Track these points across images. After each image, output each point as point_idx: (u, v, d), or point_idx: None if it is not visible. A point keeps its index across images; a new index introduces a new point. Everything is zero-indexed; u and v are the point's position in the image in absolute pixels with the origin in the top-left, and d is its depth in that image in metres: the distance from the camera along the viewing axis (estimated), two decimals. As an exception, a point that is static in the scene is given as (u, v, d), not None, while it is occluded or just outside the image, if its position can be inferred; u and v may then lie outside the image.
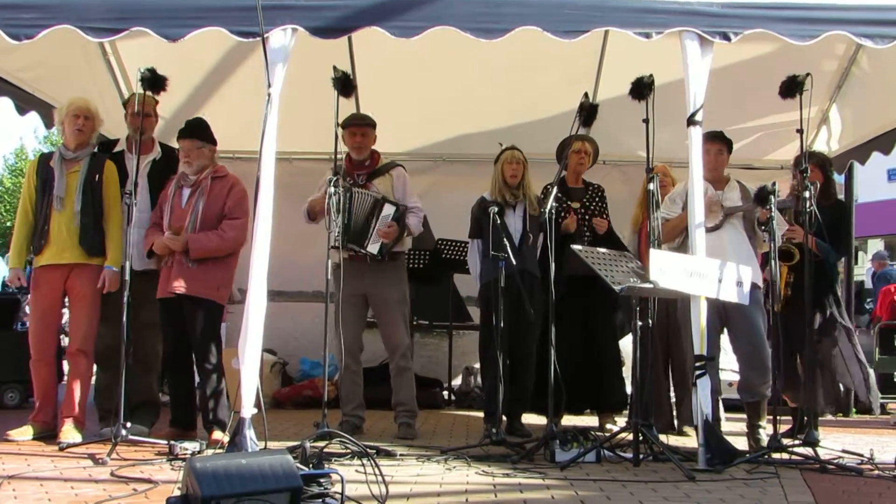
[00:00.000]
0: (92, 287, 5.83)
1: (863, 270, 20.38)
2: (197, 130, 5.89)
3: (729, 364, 6.48)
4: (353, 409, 6.32)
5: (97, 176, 5.89)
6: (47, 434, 5.78)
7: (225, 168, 6.03)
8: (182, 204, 5.81)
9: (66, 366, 6.05)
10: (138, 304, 5.55)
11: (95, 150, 6.10)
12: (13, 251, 5.99)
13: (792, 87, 5.59)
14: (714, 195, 5.87)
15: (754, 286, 5.60)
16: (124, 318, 5.35)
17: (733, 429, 6.49)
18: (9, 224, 26.14)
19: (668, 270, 5.04)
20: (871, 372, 6.73)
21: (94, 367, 6.19)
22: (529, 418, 6.76)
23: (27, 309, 7.33)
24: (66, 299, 5.97)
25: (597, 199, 6.92)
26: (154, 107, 6.36)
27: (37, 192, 5.90)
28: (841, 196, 9.28)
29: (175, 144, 6.22)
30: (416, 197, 6.58)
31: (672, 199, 6.09)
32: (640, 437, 5.11)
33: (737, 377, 6.50)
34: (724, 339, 6.08)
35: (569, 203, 6.75)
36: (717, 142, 6.01)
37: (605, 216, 6.87)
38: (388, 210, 6.26)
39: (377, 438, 5.96)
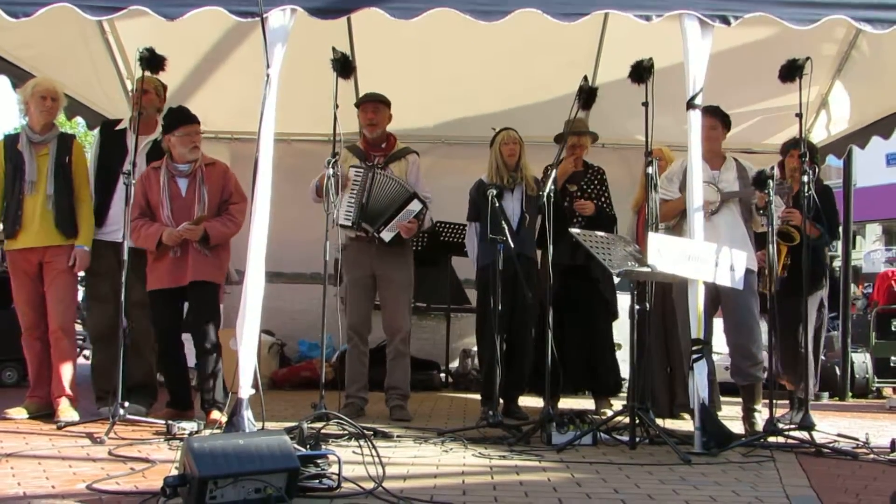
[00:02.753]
0: (66, 265, 5.82)
1: (860, 255, 20.43)
2: (192, 115, 5.87)
3: (725, 347, 6.50)
4: (357, 391, 6.32)
5: (66, 157, 5.87)
6: (45, 411, 5.80)
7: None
8: (182, 194, 5.79)
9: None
10: (130, 282, 5.52)
11: (61, 130, 6.07)
12: None
13: (791, 71, 5.58)
14: (708, 178, 5.85)
15: (748, 271, 5.60)
16: (122, 298, 5.36)
17: (729, 412, 6.51)
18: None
19: (665, 254, 5.03)
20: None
21: (91, 347, 6.20)
22: (526, 401, 6.79)
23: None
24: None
25: (595, 182, 6.89)
26: (157, 87, 6.33)
27: (6, 176, 5.85)
28: (839, 181, 9.34)
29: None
30: (428, 188, 6.53)
31: (668, 178, 6.08)
32: (637, 421, 5.12)
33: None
34: (718, 323, 6.10)
35: (566, 186, 6.75)
36: (710, 116, 5.94)
37: (603, 198, 6.85)
38: (416, 206, 6.24)
39: (374, 420, 5.97)
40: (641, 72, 5.44)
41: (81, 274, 6.12)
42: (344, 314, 6.43)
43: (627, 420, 5.16)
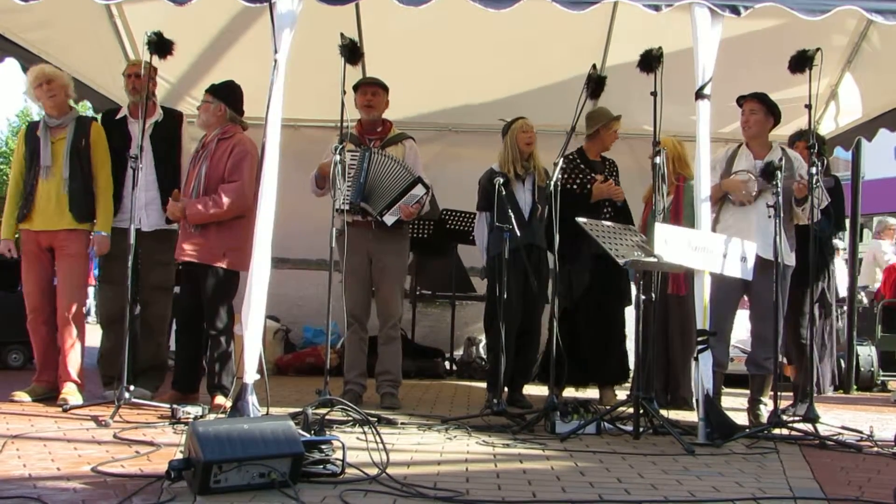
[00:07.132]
0: (79, 250, 5.85)
1: (867, 248, 20.30)
2: (214, 88, 5.91)
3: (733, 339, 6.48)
4: (356, 377, 6.29)
5: (84, 140, 5.88)
6: (50, 395, 5.81)
7: (235, 129, 5.90)
8: (194, 170, 5.83)
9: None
10: (147, 265, 5.56)
11: (80, 113, 6.10)
12: (4, 222, 5.97)
13: (801, 62, 5.55)
14: (749, 167, 5.82)
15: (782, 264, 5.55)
16: (129, 282, 5.37)
17: (733, 403, 6.51)
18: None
19: (672, 244, 5.02)
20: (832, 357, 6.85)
21: (100, 331, 6.23)
22: (531, 390, 6.79)
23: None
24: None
25: (614, 173, 6.96)
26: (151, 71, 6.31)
27: (25, 161, 5.89)
28: (847, 173, 9.31)
29: (180, 108, 6.18)
30: (426, 174, 6.43)
31: (711, 165, 6.00)
32: (641, 411, 5.12)
33: (736, 353, 6.50)
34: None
35: (593, 175, 6.74)
36: (750, 101, 5.98)
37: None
38: (420, 191, 6.18)
39: (377, 407, 5.97)
40: (650, 61, 5.41)
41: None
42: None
43: (631, 410, 5.17)
